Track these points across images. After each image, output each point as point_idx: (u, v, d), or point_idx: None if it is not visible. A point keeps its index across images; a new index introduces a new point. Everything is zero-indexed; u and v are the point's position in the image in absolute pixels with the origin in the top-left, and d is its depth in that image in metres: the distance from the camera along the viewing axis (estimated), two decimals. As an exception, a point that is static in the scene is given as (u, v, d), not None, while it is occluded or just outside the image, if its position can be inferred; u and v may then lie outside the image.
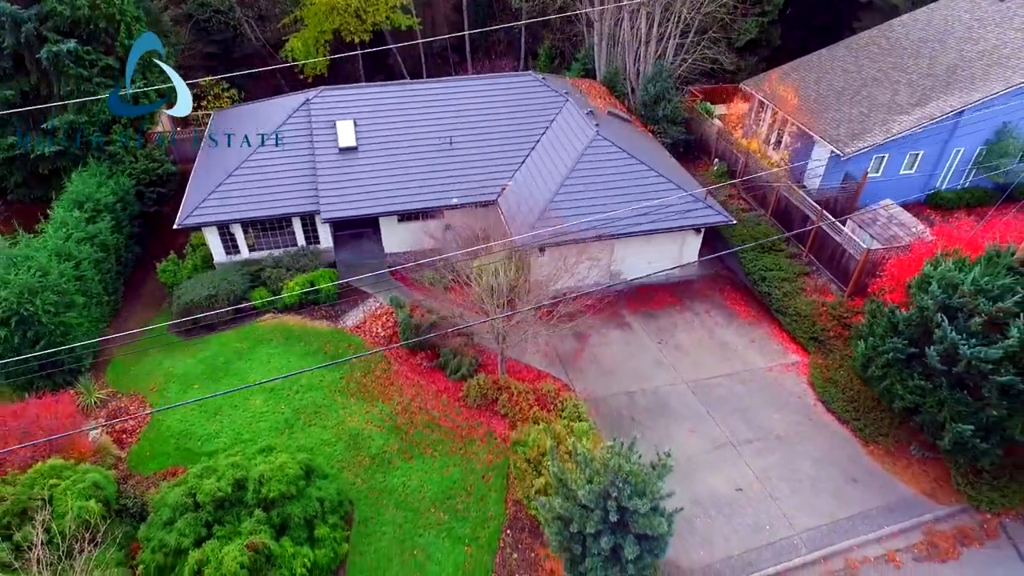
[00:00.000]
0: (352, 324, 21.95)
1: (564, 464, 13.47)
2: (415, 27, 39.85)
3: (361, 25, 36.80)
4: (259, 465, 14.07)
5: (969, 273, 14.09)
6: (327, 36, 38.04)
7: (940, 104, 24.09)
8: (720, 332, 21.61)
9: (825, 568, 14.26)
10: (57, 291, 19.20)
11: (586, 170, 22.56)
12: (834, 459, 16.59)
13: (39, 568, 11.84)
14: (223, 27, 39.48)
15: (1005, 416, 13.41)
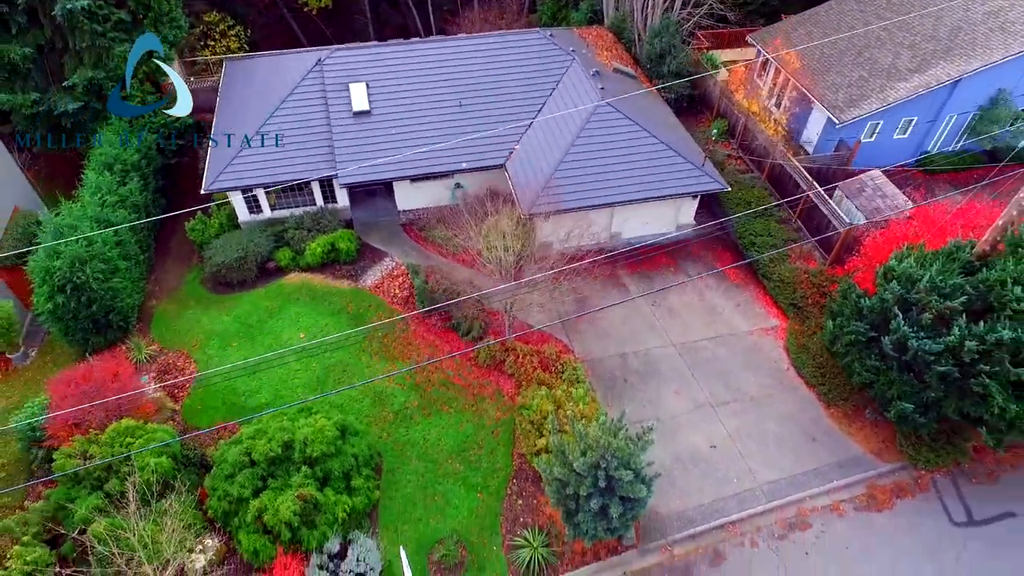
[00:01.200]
0: (371, 283, 23.90)
1: (562, 431, 15.88)
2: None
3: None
4: (302, 428, 16.49)
5: (927, 271, 15.81)
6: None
7: (938, 72, 24.69)
8: (710, 295, 23.54)
9: (780, 516, 17.00)
10: (103, 259, 21.01)
11: (589, 140, 23.64)
12: (798, 420, 19.03)
13: (137, 512, 14.48)
14: None
15: (942, 397, 15.59)
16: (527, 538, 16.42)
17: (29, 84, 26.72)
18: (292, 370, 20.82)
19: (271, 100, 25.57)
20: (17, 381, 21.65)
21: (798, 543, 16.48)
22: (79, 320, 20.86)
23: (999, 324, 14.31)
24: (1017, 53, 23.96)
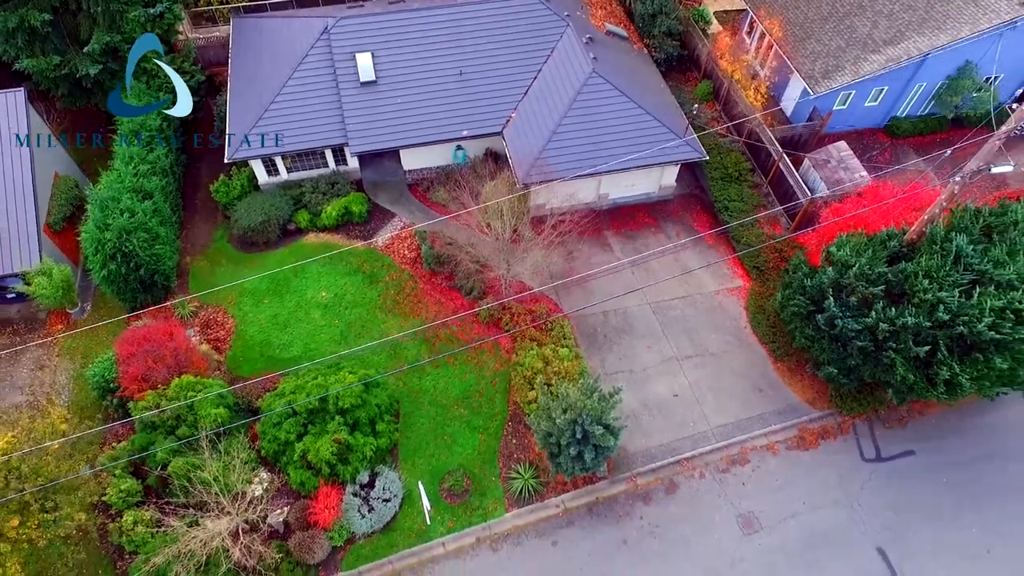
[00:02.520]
0: (382, 243, 26.71)
1: (548, 384, 19.40)
2: None
3: None
4: (334, 384, 19.96)
5: (860, 258, 18.70)
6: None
7: (908, 46, 26.26)
8: (684, 255, 26.43)
9: (726, 454, 20.88)
10: (145, 228, 23.67)
11: (580, 112, 25.62)
12: (749, 373, 22.57)
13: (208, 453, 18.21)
14: None
15: (860, 364, 18.96)
16: (519, 471, 20.36)
17: (48, 47, 28.08)
18: (318, 326, 24.09)
19: (282, 70, 27.16)
20: (79, 334, 24.91)
21: (737, 476, 20.46)
22: (128, 283, 23.84)
23: (907, 310, 17.41)
24: (984, 30, 25.46)
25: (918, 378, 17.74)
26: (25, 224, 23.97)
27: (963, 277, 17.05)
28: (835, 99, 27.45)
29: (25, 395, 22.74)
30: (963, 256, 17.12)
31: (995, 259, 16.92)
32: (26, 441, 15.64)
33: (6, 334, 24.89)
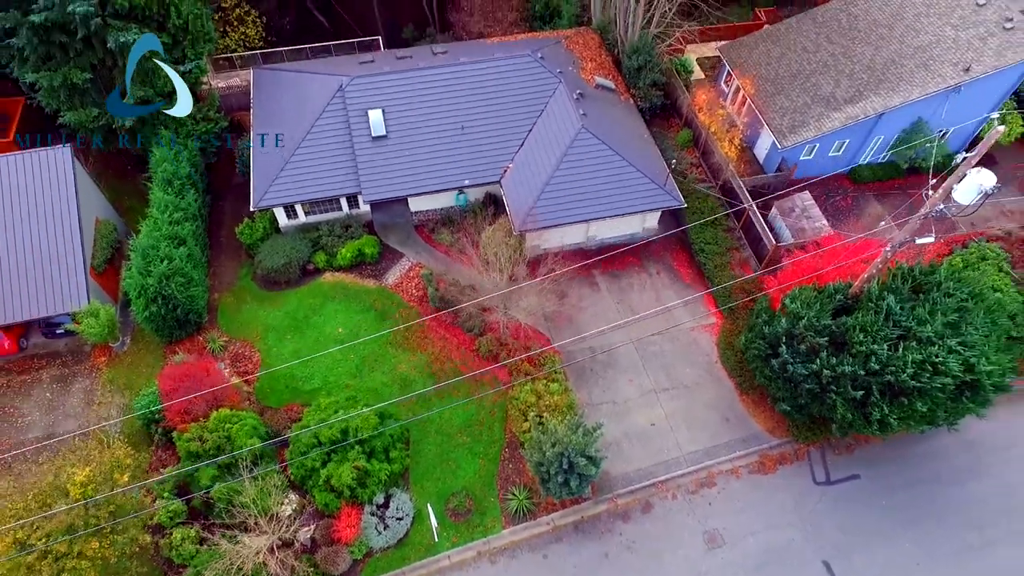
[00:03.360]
0: (392, 282, 29.62)
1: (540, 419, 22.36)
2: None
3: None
4: (354, 419, 22.89)
5: (810, 311, 21.64)
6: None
7: (866, 105, 29.16)
8: (664, 294, 29.37)
9: (695, 477, 23.88)
10: (181, 274, 26.57)
11: (570, 165, 28.50)
12: (718, 405, 25.54)
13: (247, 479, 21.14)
14: None
15: (809, 403, 21.94)
16: (515, 493, 23.34)
17: (87, 100, 30.88)
18: (336, 360, 27.02)
19: (301, 124, 29.98)
20: (121, 365, 27.80)
21: (705, 497, 23.47)
22: (167, 321, 26.77)
23: (846, 359, 20.37)
24: (932, 92, 28.37)
25: (856, 416, 20.73)
26: (74, 268, 26.82)
27: (892, 332, 20.01)
28: (801, 151, 30.36)
29: (79, 422, 25.68)
30: (892, 314, 20.08)
31: (919, 317, 19.88)
32: (99, 475, 18.57)
33: (56, 365, 27.80)
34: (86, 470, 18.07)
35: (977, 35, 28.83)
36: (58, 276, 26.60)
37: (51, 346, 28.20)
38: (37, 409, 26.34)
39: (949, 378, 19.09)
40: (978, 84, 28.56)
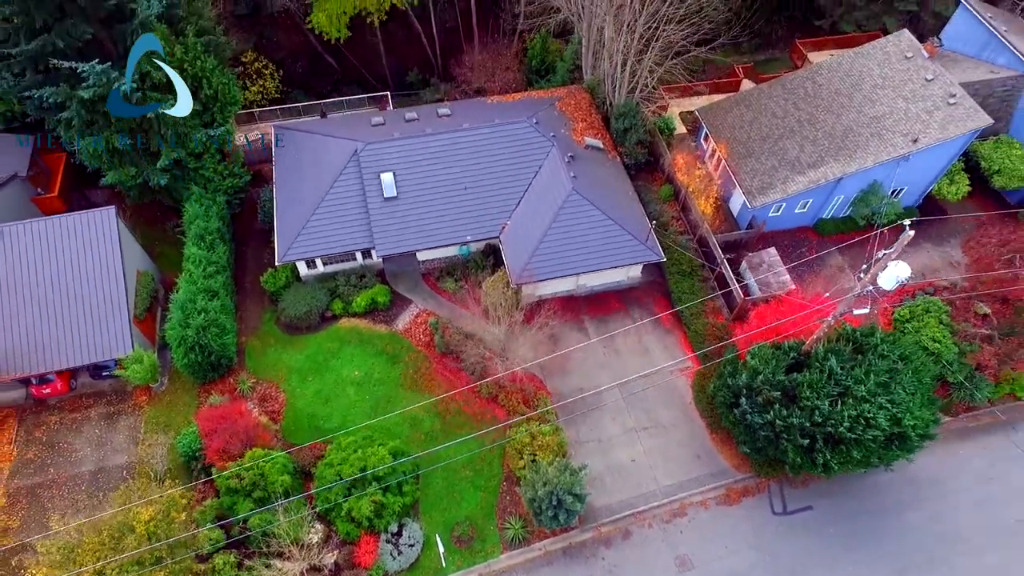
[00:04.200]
0: (402, 327, 33.01)
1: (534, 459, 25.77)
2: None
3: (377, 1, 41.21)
4: (371, 457, 26.27)
5: (767, 366, 25.06)
6: (349, 11, 42.94)
7: (826, 170, 32.59)
8: (646, 338, 32.78)
9: (669, 508, 27.30)
10: (216, 324, 29.94)
11: (562, 225, 31.87)
12: (691, 443, 28.97)
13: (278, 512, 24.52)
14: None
15: (765, 447, 25.39)
16: (511, 522, 26.76)
17: (126, 160, 34.18)
18: (353, 400, 30.42)
19: (319, 186, 33.33)
20: (160, 403, 31.12)
21: (677, 526, 26.90)
22: (203, 366, 30.14)
23: (795, 412, 23.81)
24: (885, 160, 31.81)
25: (804, 460, 24.18)
26: (119, 318, 30.08)
27: (834, 390, 23.46)
28: (770, 209, 33.79)
29: (127, 457, 29.04)
30: (834, 374, 23.53)
31: (856, 377, 23.33)
32: (160, 513, 21.95)
33: (102, 404, 31.17)
34: (150, 510, 21.43)
35: (925, 108, 32.29)
36: (105, 325, 29.90)
37: (97, 386, 31.55)
38: (88, 445, 29.69)
39: (879, 431, 22.53)
40: (926, 152, 32.00)
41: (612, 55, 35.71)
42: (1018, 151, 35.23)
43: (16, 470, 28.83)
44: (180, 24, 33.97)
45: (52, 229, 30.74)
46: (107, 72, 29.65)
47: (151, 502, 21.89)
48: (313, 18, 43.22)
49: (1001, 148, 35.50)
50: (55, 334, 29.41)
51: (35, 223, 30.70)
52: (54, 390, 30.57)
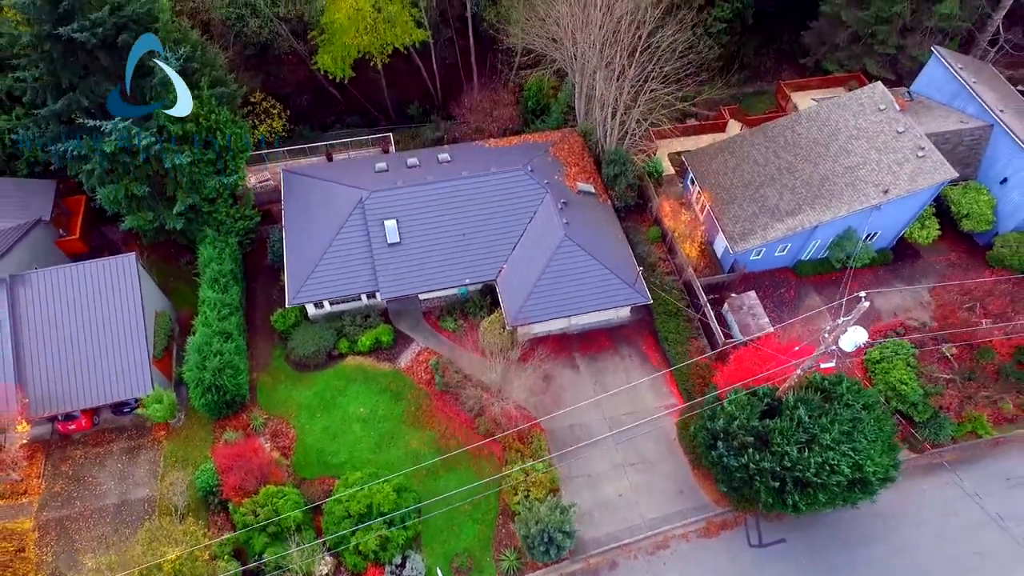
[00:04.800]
0: (404, 365, 35.10)
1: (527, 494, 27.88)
2: (428, 39, 46.54)
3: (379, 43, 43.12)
4: (377, 495, 28.35)
5: (743, 412, 27.17)
6: (353, 55, 45.01)
7: (803, 218, 34.69)
8: (634, 375, 34.87)
9: (653, 540, 29.40)
10: (231, 366, 32.01)
11: (554, 270, 33.95)
12: (674, 477, 31.08)
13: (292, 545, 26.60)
14: (260, 32, 44.69)
15: (741, 487, 27.50)
16: (506, 554, 28.86)
17: (144, 205, 36.19)
18: (358, 436, 32.50)
19: (327, 231, 35.40)
20: (178, 438, 33.17)
21: (660, 557, 29.01)
22: (218, 405, 32.22)
23: (767, 456, 25.91)
24: (858, 209, 33.92)
25: (776, 500, 26.28)
26: (140, 359, 32.10)
27: (802, 437, 25.56)
28: (751, 253, 35.88)
29: (148, 490, 31.10)
30: (803, 422, 25.65)
31: (822, 426, 25.44)
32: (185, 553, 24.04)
33: (123, 439, 33.23)
34: (177, 551, 23.54)
35: (895, 160, 34.40)
36: (127, 366, 31.93)
37: (119, 422, 33.60)
38: (111, 478, 31.77)
39: (842, 476, 24.65)
40: (896, 202, 34.11)
41: (603, 105, 37.79)
42: (985, 196, 37.36)
43: (45, 503, 30.89)
44: (195, 75, 35.94)
45: (77, 275, 32.77)
46: (129, 128, 31.78)
47: (177, 542, 23.95)
48: (318, 59, 45.37)
49: (969, 193, 37.62)
50: (81, 375, 31.45)
51: (61, 270, 32.74)
52: (79, 426, 32.62)
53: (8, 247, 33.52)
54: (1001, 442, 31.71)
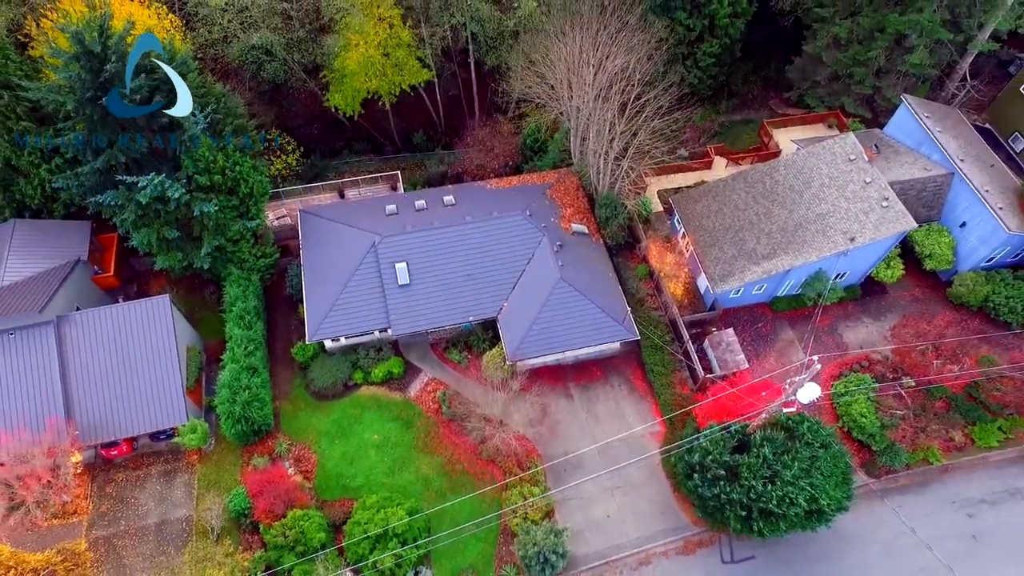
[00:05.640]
0: (414, 395, 38.62)
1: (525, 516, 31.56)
2: (432, 79, 49.53)
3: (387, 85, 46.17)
4: (391, 517, 31.97)
5: (715, 448, 30.73)
6: (362, 96, 48.07)
7: (778, 262, 38.04)
8: (622, 403, 38.43)
9: (636, 557, 33.11)
10: (258, 399, 35.49)
11: (550, 310, 37.36)
12: (657, 500, 34.74)
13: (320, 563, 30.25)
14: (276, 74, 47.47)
15: (715, 512, 31.14)
16: (507, 570, 32.56)
17: (173, 247, 39.42)
18: (373, 461, 36.08)
19: (342, 272, 38.71)
20: (209, 462, 36.72)
21: (643, 572, 32.72)
22: (247, 433, 35.75)
23: (736, 488, 29.51)
24: (827, 255, 37.27)
25: (743, 526, 29.96)
26: (174, 392, 35.47)
27: (766, 472, 29.16)
28: (730, 292, 39.29)
29: (186, 511, 34.71)
30: (767, 459, 29.23)
31: (784, 463, 29.03)
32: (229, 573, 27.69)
33: (160, 463, 36.77)
34: (220, 573, 27.17)
35: (862, 209, 37.71)
36: (163, 399, 35.34)
37: (155, 447, 37.11)
38: (151, 499, 35.36)
39: (800, 508, 28.30)
40: (863, 247, 37.45)
41: (596, 154, 40.97)
42: (946, 238, 40.74)
43: (93, 522, 34.49)
44: (219, 126, 39.06)
45: (116, 315, 36.10)
46: (163, 182, 34.95)
47: (221, 565, 27.59)
48: (330, 97, 48.41)
49: (932, 235, 40.98)
50: (122, 407, 34.85)
51: (102, 311, 36.07)
52: (120, 451, 36.14)
53: (54, 290, 36.74)
54: (950, 468, 35.36)
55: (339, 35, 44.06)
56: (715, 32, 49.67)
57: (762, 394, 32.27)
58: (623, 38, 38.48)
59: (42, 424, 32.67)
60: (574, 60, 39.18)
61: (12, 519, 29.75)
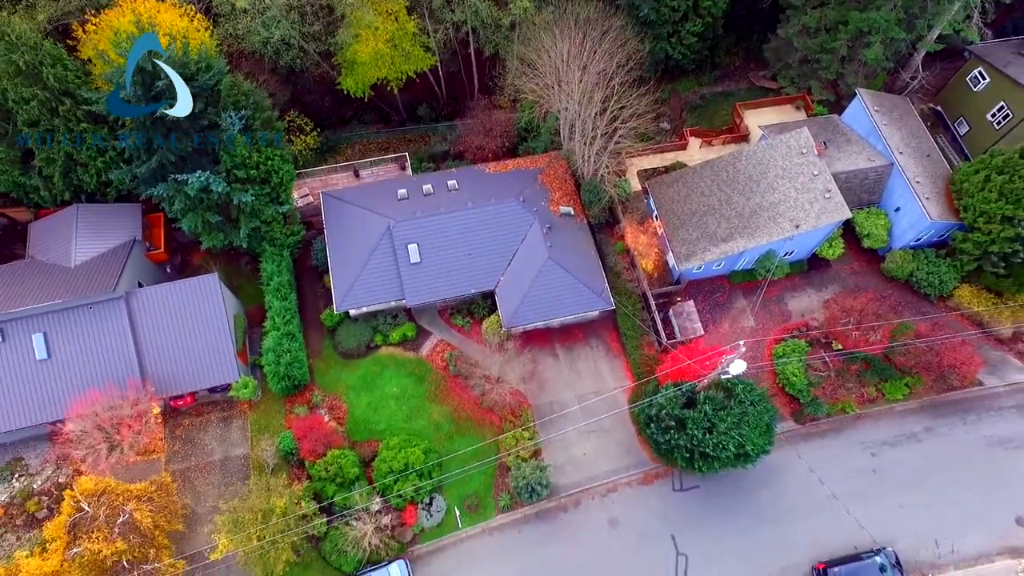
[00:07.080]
0: (425, 354, 46.20)
1: (517, 455, 39.90)
2: (436, 64, 54.26)
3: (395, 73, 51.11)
4: (411, 456, 40.17)
5: (668, 404, 38.51)
6: (372, 81, 52.97)
7: (734, 244, 44.65)
8: (600, 363, 46.07)
9: (606, 486, 41.57)
10: (298, 360, 42.99)
11: (540, 285, 44.31)
12: (624, 442, 42.94)
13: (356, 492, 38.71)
14: (294, 62, 52.34)
15: (666, 454, 39.28)
16: (503, 496, 41.13)
17: (216, 228, 45.83)
18: (393, 410, 44.06)
19: (362, 251, 45.31)
20: (258, 410, 44.65)
21: (610, 498, 41.30)
22: (288, 387, 43.53)
23: (682, 436, 37.47)
24: (776, 239, 43.85)
25: (687, 464, 38.20)
26: (227, 354, 42.87)
27: (706, 424, 37.06)
28: (693, 269, 46.09)
29: (243, 450, 42.97)
30: (708, 414, 37.08)
31: (720, 418, 36.88)
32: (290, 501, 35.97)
33: (218, 411, 44.74)
34: (282, 500, 35.50)
35: (808, 199, 43.95)
36: (218, 360, 42.77)
37: (212, 398, 44.96)
38: (214, 440, 43.55)
39: (729, 452, 36.39)
40: (807, 233, 43.96)
41: (581, 143, 46.66)
42: (883, 221, 47.17)
43: (169, 458, 42.80)
44: (250, 122, 44.60)
45: (174, 291, 42.98)
46: (208, 178, 41.05)
47: (281, 494, 35.91)
48: (342, 81, 53.30)
49: (871, 217, 47.39)
50: (185, 367, 42.33)
51: (162, 288, 42.93)
52: (185, 402, 43.98)
53: (121, 269, 43.44)
54: (862, 416, 43.44)
55: (350, 29, 48.56)
56: (699, 12, 53.81)
57: (713, 355, 39.75)
58: (604, 46, 43.39)
59: (124, 383, 40.24)
60: (562, 62, 44.19)
61: (112, 458, 37.76)
